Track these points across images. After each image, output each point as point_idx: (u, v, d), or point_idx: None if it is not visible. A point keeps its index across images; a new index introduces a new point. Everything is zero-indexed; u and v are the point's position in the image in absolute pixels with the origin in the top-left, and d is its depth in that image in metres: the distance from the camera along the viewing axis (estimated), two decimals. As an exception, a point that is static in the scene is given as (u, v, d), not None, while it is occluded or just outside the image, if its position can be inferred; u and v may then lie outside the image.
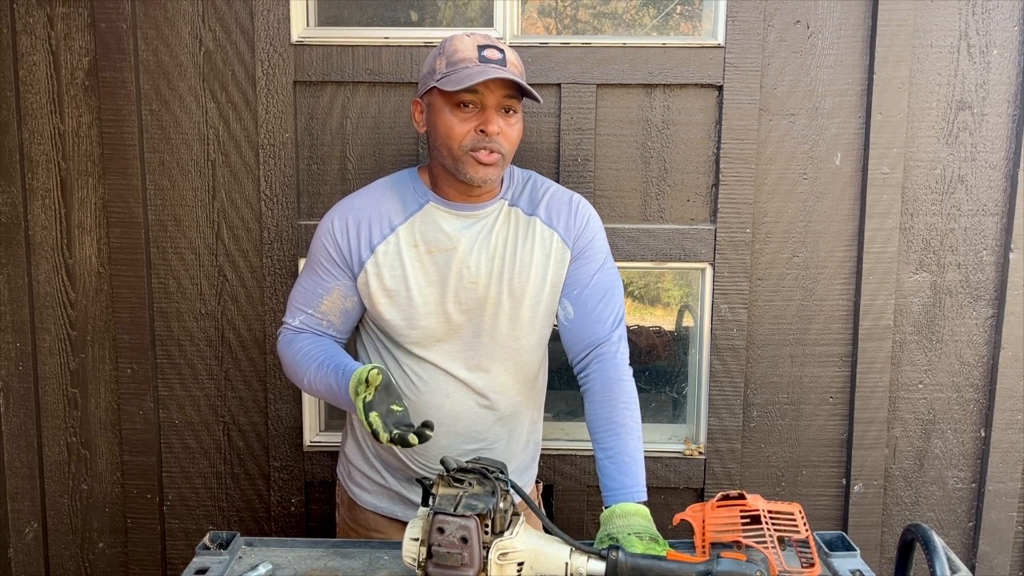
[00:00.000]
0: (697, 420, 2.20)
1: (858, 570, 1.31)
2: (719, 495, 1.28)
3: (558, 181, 1.88)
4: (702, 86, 2.06)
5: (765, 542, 1.20)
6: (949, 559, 1.17)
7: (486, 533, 1.17)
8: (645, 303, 2.28)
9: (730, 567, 1.14)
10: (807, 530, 1.23)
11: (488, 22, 2.09)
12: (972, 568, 2.20)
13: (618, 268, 1.63)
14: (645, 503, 1.41)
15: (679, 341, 2.27)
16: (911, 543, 1.24)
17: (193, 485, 2.22)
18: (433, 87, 1.45)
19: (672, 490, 2.18)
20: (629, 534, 1.30)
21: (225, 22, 2.04)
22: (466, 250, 1.52)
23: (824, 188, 2.08)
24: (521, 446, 1.68)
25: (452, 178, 1.50)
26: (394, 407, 1.34)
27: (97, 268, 2.14)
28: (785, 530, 1.23)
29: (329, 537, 1.50)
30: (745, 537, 1.21)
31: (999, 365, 2.11)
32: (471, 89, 1.41)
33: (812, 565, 1.22)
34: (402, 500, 1.66)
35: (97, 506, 2.24)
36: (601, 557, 1.17)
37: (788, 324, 2.13)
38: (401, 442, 1.29)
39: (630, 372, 1.55)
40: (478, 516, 1.15)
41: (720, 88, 2.04)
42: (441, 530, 1.15)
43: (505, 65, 1.42)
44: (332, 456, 2.16)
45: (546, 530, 1.25)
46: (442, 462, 1.24)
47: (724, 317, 2.11)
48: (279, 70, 2.04)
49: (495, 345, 1.56)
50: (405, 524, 1.42)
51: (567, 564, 1.18)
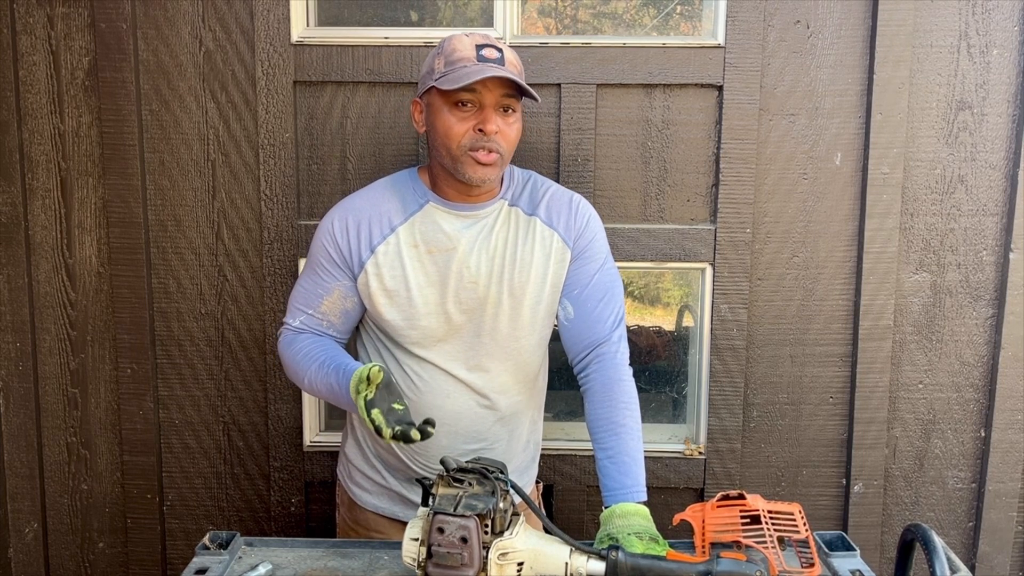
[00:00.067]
0: (697, 420, 2.20)
1: (858, 570, 1.30)
2: (719, 495, 1.28)
3: (558, 181, 1.88)
4: (702, 86, 2.06)
5: (765, 542, 1.20)
6: (949, 559, 1.16)
7: (486, 533, 1.17)
8: (645, 303, 2.27)
9: (730, 567, 1.14)
10: (807, 530, 1.23)
11: (488, 22, 2.09)
12: (972, 568, 2.20)
13: (618, 268, 1.63)
14: (645, 503, 1.41)
15: (679, 341, 2.27)
16: (911, 543, 1.24)
17: (193, 485, 2.23)
18: (432, 87, 1.45)
19: (672, 490, 2.18)
20: (629, 534, 1.30)
21: (225, 22, 2.04)
22: (466, 250, 1.52)
23: (824, 188, 2.08)
24: (521, 446, 1.68)
25: (451, 178, 1.50)
26: (395, 405, 1.34)
27: (97, 268, 2.14)
28: (785, 530, 1.23)
29: (329, 537, 1.50)
30: (745, 537, 1.21)
31: (999, 365, 2.11)
32: (469, 88, 1.41)
33: (812, 565, 1.22)
34: (402, 500, 1.66)
35: (97, 506, 2.24)
36: (601, 557, 1.17)
37: (788, 324, 2.13)
38: (403, 438, 1.29)
39: (630, 372, 1.55)
40: (478, 516, 1.15)
41: (720, 88, 2.05)
42: (441, 530, 1.15)
43: (503, 64, 1.42)
44: (332, 456, 2.16)
45: (546, 530, 1.24)
46: (442, 462, 1.24)
47: (724, 317, 2.11)
48: (279, 70, 2.04)
49: (495, 345, 1.56)
50: (405, 524, 1.41)
51: (567, 564, 1.18)
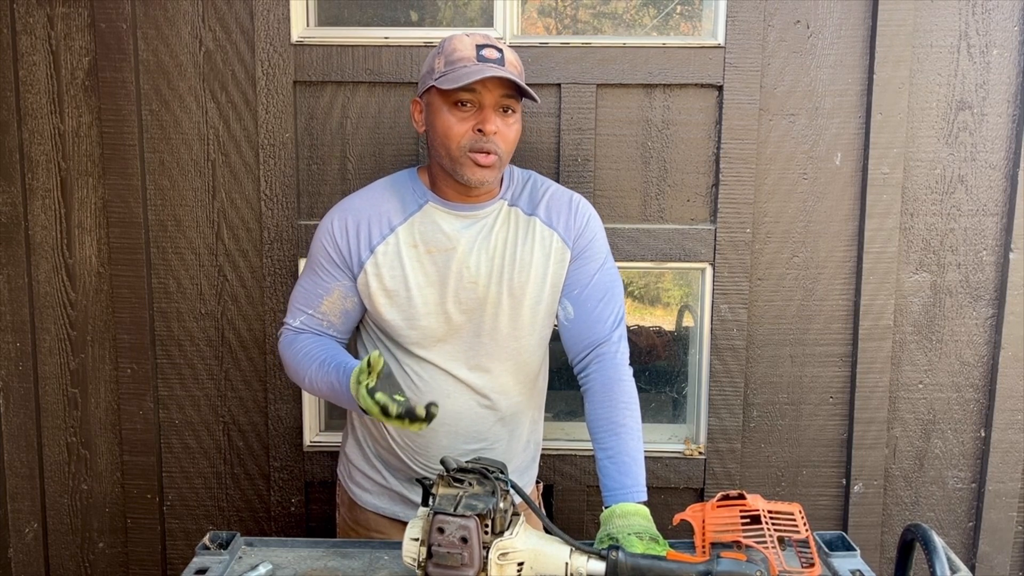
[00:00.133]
0: (697, 420, 2.20)
1: (858, 570, 1.30)
2: (719, 495, 1.28)
3: (558, 181, 1.87)
4: (702, 86, 2.06)
5: (765, 542, 1.20)
6: (949, 559, 1.16)
7: (486, 533, 1.17)
8: (645, 303, 2.27)
9: (730, 567, 1.14)
10: (807, 530, 1.23)
11: (488, 22, 2.09)
12: (972, 568, 2.20)
13: (618, 268, 1.63)
14: (645, 503, 1.41)
15: (679, 341, 2.27)
16: (911, 543, 1.24)
17: (193, 485, 2.23)
18: (432, 86, 1.45)
19: (672, 490, 2.18)
20: (629, 534, 1.30)
21: (225, 22, 2.04)
22: (466, 250, 1.52)
23: (824, 188, 2.08)
24: (522, 446, 1.68)
25: (451, 179, 1.50)
26: (396, 397, 1.34)
27: (97, 268, 2.14)
28: (785, 530, 1.23)
29: (329, 537, 1.50)
30: (745, 537, 1.21)
31: (999, 365, 2.11)
32: (469, 88, 1.41)
33: (812, 565, 1.22)
34: (403, 500, 1.66)
35: (97, 506, 2.24)
36: (601, 557, 1.17)
37: (788, 324, 2.13)
38: (409, 415, 1.27)
39: (630, 372, 1.55)
40: (478, 516, 1.15)
41: (720, 88, 2.04)
42: (441, 530, 1.15)
43: (503, 64, 1.42)
44: (332, 456, 2.16)
45: (546, 530, 1.24)
46: (442, 462, 1.24)
47: (724, 317, 2.11)
48: (279, 70, 2.04)
49: (495, 345, 1.56)
50: (406, 524, 1.41)
51: (567, 564, 1.18)
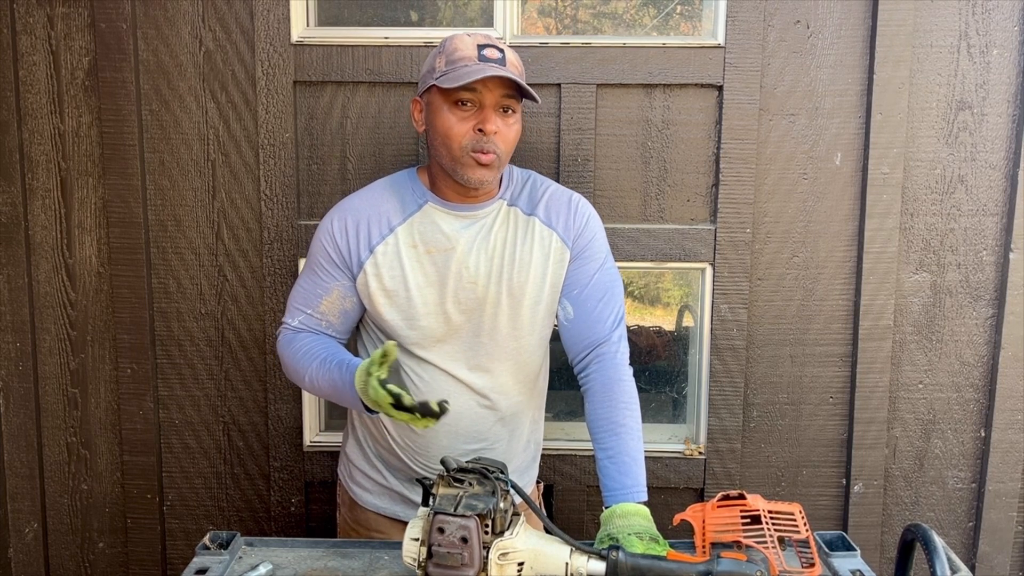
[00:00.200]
0: (697, 420, 2.20)
1: (858, 570, 1.30)
2: (719, 495, 1.28)
3: (558, 181, 1.87)
4: (702, 86, 2.06)
5: (765, 542, 1.20)
6: (949, 559, 1.16)
7: (486, 533, 1.17)
8: (645, 303, 2.27)
9: (730, 567, 1.14)
10: (807, 530, 1.23)
11: (488, 22, 2.09)
12: (972, 568, 2.20)
13: (618, 268, 1.63)
14: (645, 503, 1.41)
15: (679, 341, 2.27)
16: (911, 543, 1.24)
17: (193, 485, 2.22)
18: (432, 85, 1.46)
19: (672, 490, 2.18)
20: (629, 534, 1.30)
21: (225, 22, 2.04)
22: (465, 250, 1.52)
23: (824, 188, 2.08)
24: (522, 446, 1.68)
25: (450, 179, 1.50)
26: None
27: (97, 268, 2.14)
28: (785, 530, 1.23)
29: (329, 537, 1.50)
30: (745, 537, 1.21)
31: (999, 365, 2.11)
32: (469, 87, 1.41)
33: (812, 565, 1.22)
34: (403, 500, 1.66)
35: (97, 506, 2.24)
36: (601, 557, 1.17)
37: (788, 324, 2.13)
38: (423, 407, 1.28)
39: (630, 372, 1.55)
40: (478, 516, 1.15)
41: (720, 88, 2.04)
42: (441, 530, 1.15)
43: (504, 64, 1.42)
44: (332, 456, 2.16)
45: (546, 530, 1.24)
46: (442, 462, 1.24)
47: (724, 317, 2.11)
48: (279, 70, 2.04)
49: (495, 345, 1.56)
50: (406, 524, 1.42)
51: (567, 564, 1.18)
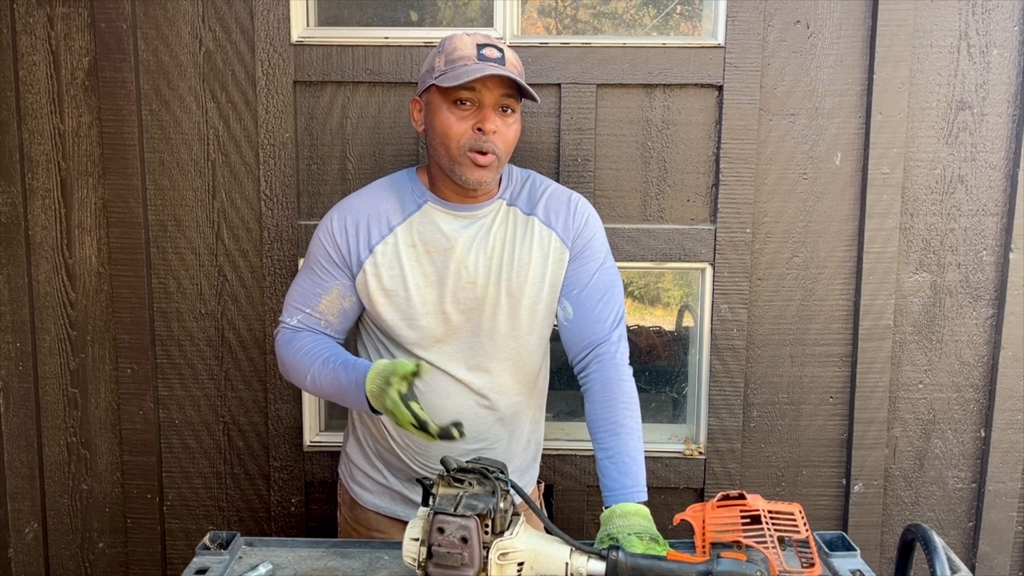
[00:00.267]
0: (697, 420, 2.20)
1: (858, 570, 1.30)
2: (719, 495, 1.28)
3: (558, 181, 1.87)
4: (702, 86, 2.06)
5: (765, 542, 1.20)
6: (949, 559, 1.16)
7: (486, 533, 1.17)
8: (645, 303, 2.27)
9: (730, 567, 1.14)
10: (807, 530, 1.23)
11: (488, 22, 2.09)
12: (972, 568, 2.20)
13: (618, 268, 1.63)
14: (645, 503, 1.41)
15: (679, 341, 2.27)
16: (911, 543, 1.24)
17: (193, 485, 2.22)
18: (432, 85, 1.46)
19: (672, 490, 2.18)
20: (629, 534, 1.30)
21: (225, 22, 2.04)
22: (464, 250, 1.52)
23: (824, 188, 2.08)
24: (522, 446, 1.68)
25: (449, 179, 1.50)
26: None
27: (97, 268, 2.14)
28: (785, 530, 1.23)
29: (329, 537, 1.50)
30: (745, 537, 1.21)
31: (999, 365, 2.11)
32: (469, 86, 1.41)
33: (812, 565, 1.22)
34: (404, 500, 1.66)
35: (97, 506, 2.24)
36: (601, 557, 1.17)
37: (788, 324, 2.13)
38: (446, 435, 1.28)
39: (630, 372, 1.55)
40: (478, 516, 1.15)
41: (720, 88, 2.04)
42: (441, 530, 1.15)
43: (503, 64, 1.42)
44: (332, 456, 2.16)
45: (547, 530, 1.24)
46: (442, 462, 1.24)
47: (724, 317, 2.11)
48: (279, 70, 2.04)
49: (494, 345, 1.56)
50: (407, 524, 1.41)
51: (567, 564, 1.18)
